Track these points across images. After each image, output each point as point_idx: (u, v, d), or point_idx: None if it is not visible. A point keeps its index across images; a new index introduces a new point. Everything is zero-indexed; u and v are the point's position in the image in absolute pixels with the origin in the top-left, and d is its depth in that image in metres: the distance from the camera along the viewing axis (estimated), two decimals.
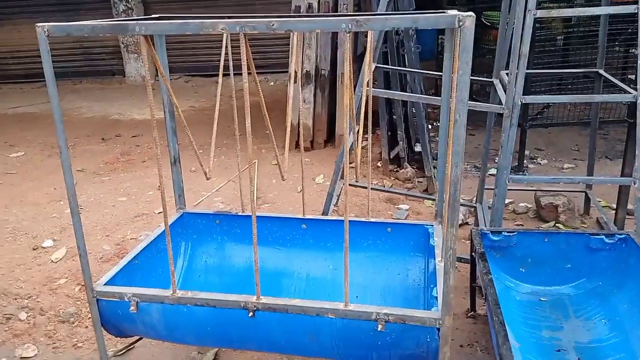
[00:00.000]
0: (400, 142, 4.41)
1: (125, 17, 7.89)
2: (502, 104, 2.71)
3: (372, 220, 2.27)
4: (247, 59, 1.56)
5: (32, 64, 8.40)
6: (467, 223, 3.61)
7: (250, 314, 1.67)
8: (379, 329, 1.62)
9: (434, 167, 4.15)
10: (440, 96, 2.13)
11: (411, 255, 2.23)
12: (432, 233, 2.17)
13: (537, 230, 2.65)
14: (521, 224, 3.59)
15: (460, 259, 2.81)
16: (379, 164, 4.56)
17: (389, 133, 4.51)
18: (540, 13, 2.57)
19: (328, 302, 1.65)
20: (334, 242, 2.30)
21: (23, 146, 5.58)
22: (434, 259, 1.99)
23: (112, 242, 3.40)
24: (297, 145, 4.84)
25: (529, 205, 3.75)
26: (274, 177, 4.36)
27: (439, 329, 1.60)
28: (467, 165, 4.68)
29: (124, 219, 3.73)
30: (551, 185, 3.77)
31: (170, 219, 2.32)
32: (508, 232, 2.52)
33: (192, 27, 1.51)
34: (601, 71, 3.26)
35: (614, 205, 3.37)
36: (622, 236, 2.47)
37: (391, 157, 4.51)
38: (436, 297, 1.74)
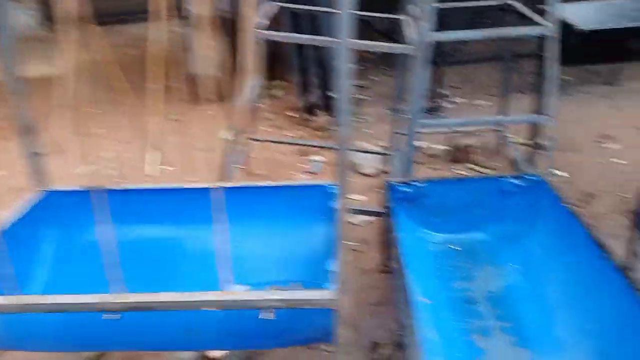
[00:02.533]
0: (314, 90, 4.12)
1: None
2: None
3: (268, 184, 2.01)
4: None
5: None
6: (385, 172, 3.44)
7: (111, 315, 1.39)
8: (267, 317, 1.39)
9: None
10: None
11: (312, 221, 2.00)
12: (335, 194, 1.95)
13: (447, 179, 2.52)
14: (437, 167, 3.47)
15: (371, 213, 2.65)
16: (293, 114, 4.26)
17: (303, 80, 4.19)
18: None
19: (202, 292, 1.39)
20: (229, 213, 2.03)
21: None
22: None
23: None
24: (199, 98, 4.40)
25: (444, 147, 3.63)
26: (175, 135, 3.96)
27: (333, 310, 1.40)
28: (386, 109, 4.49)
29: None
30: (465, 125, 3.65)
31: (27, 200, 1.95)
32: (418, 182, 2.36)
33: None
34: (511, 2, 3.08)
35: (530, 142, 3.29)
36: (534, 178, 2.39)
37: (307, 105, 4.21)
38: (333, 272, 1.53)
